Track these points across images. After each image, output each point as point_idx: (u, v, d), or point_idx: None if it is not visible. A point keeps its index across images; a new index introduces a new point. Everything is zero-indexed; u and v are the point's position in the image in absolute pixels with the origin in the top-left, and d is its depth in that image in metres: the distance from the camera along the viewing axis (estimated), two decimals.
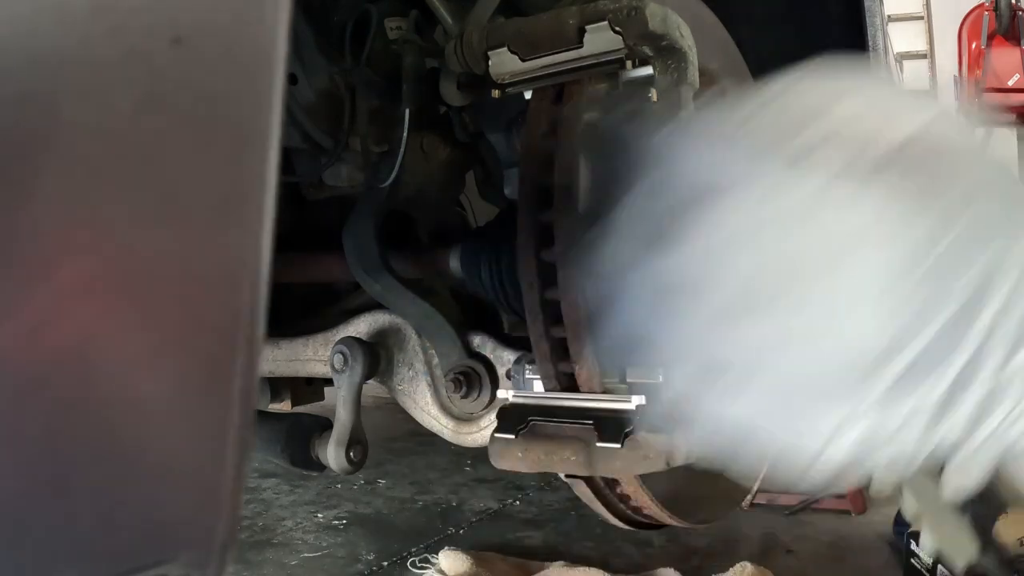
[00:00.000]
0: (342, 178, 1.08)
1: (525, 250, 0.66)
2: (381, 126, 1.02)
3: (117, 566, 0.31)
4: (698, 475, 0.78)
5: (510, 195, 0.96)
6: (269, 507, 2.36)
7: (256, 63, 0.31)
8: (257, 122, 0.31)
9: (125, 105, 0.28)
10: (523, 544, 2.05)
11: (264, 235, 0.32)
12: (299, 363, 1.14)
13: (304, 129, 1.01)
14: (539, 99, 0.69)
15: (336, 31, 1.01)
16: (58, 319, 0.27)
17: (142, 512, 0.32)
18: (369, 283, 1.02)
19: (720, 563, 1.76)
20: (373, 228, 1.01)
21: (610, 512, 0.81)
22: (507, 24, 0.73)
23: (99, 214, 0.28)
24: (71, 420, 0.29)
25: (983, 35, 6.24)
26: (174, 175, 0.30)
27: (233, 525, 0.35)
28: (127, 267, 0.29)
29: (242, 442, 0.33)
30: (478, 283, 1.01)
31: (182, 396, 0.32)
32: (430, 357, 1.03)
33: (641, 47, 0.65)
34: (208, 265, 0.31)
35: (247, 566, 1.90)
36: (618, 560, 1.88)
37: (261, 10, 0.31)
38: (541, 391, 0.68)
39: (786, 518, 2.16)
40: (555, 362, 0.66)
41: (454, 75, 0.90)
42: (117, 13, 0.27)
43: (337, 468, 1.02)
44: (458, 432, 1.02)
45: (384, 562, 1.95)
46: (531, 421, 0.64)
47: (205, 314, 0.32)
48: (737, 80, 0.92)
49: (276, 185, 0.33)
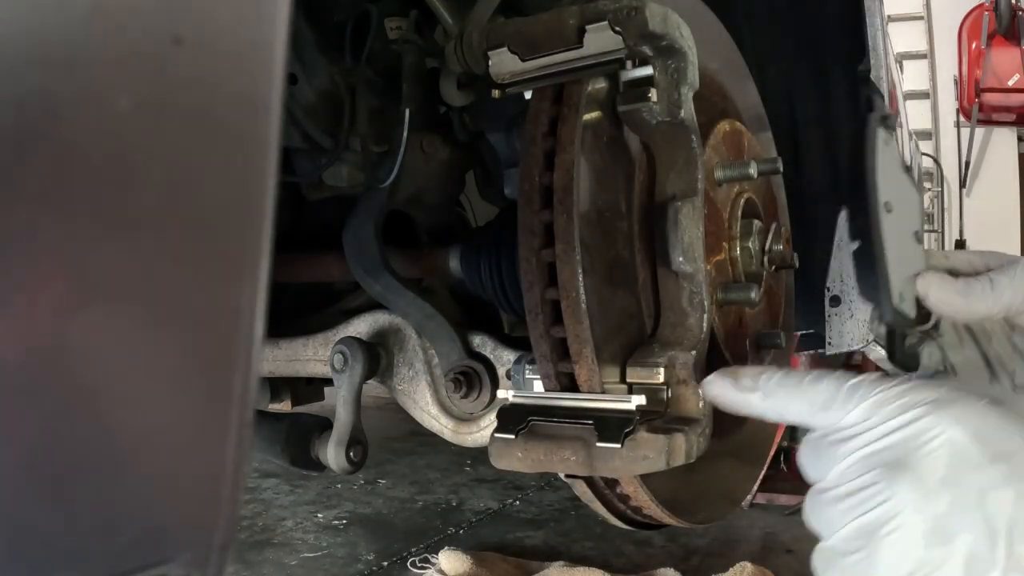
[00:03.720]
0: (342, 178, 1.08)
1: (525, 250, 0.66)
2: (381, 126, 1.02)
3: (117, 566, 0.31)
4: (698, 475, 0.79)
5: (510, 195, 0.96)
6: (269, 507, 2.36)
7: (256, 63, 0.31)
8: (257, 122, 0.31)
9: (125, 105, 0.28)
10: (523, 544, 2.05)
11: (264, 235, 0.32)
12: (299, 363, 1.14)
13: (304, 129, 1.01)
14: (539, 99, 0.69)
15: (336, 31, 1.02)
16: (57, 319, 0.27)
17: (142, 512, 0.32)
18: (369, 283, 1.02)
19: (720, 563, 1.77)
20: (373, 228, 1.01)
21: (610, 512, 0.81)
22: (507, 24, 0.73)
23: (98, 214, 0.28)
24: (70, 420, 0.29)
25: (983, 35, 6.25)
26: (174, 175, 0.30)
27: (233, 525, 0.35)
28: (126, 267, 0.29)
29: (242, 442, 0.33)
30: (478, 283, 1.01)
31: (182, 396, 0.32)
32: (430, 357, 1.03)
33: (641, 47, 0.65)
34: (208, 265, 0.31)
35: (247, 566, 1.90)
36: (618, 560, 1.88)
37: (261, 10, 0.31)
38: (541, 391, 0.68)
39: (786, 518, 2.16)
40: (555, 362, 0.66)
41: (454, 75, 0.90)
42: (117, 13, 0.27)
43: (337, 468, 1.02)
44: (458, 432, 1.02)
45: (384, 562, 1.95)
46: (531, 421, 0.64)
47: (205, 314, 0.32)
48: (737, 80, 0.92)
49: (276, 185, 0.33)
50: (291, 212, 1.24)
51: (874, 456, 0.55)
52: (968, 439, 0.53)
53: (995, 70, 6.30)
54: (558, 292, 0.64)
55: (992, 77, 6.31)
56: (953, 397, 0.55)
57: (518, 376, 0.74)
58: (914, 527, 0.52)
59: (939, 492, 0.52)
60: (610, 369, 0.65)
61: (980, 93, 6.35)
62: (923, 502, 0.52)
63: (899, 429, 0.55)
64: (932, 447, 0.53)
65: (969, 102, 6.46)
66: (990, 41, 6.29)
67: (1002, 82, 6.30)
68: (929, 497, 0.52)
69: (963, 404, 0.55)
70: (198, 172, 0.30)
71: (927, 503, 0.52)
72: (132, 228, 0.29)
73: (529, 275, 0.66)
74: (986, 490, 0.52)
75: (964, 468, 0.53)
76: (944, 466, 0.53)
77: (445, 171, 1.08)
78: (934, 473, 0.53)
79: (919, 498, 0.52)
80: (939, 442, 0.53)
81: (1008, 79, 6.29)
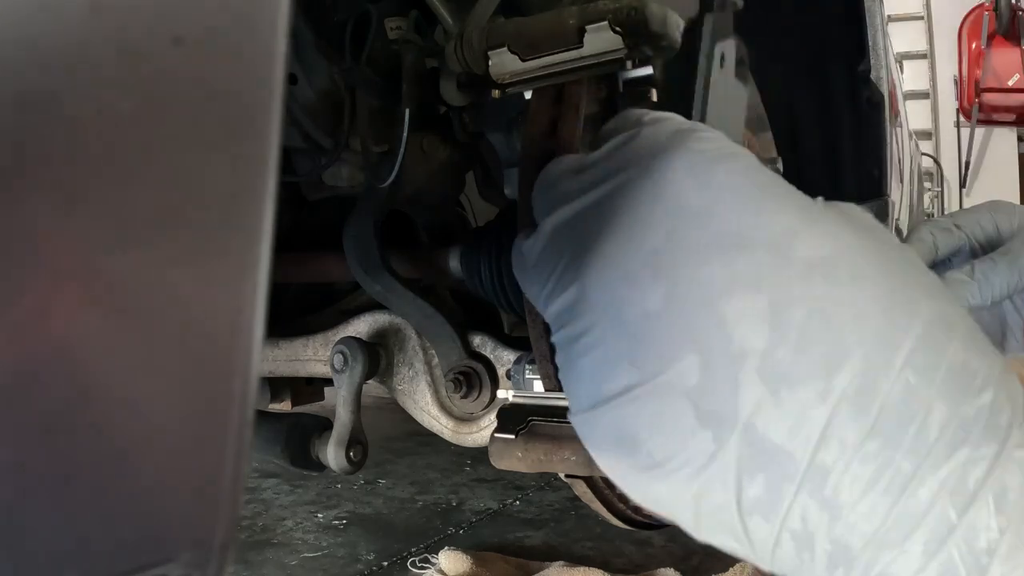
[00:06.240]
0: (342, 178, 1.08)
1: None
2: (381, 126, 1.02)
3: (116, 566, 0.31)
4: None
5: (510, 195, 0.96)
6: (269, 507, 2.36)
7: (256, 63, 0.31)
8: (257, 122, 0.31)
9: (125, 105, 0.28)
10: (523, 544, 2.05)
11: (264, 235, 0.32)
12: (299, 363, 1.14)
13: (304, 129, 1.01)
14: (539, 99, 0.69)
15: (336, 31, 1.01)
16: (56, 318, 0.27)
17: (142, 512, 0.32)
18: (369, 283, 1.02)
19: (720, 563, 1.77)
20: (373, 228, 1.01)
21: (610, 512, 0.81)
22: (507, 24, 0.73)
23: (98, 214, 0.28)
24: (70, 420, 0.29)
25: (983, 35, 6.25)
26: (174, 175, 0.30)
27: (233, 525, 0.35)
28: (126, 267, 0.29)
29: (242, 442, 0.33)
30: (478, 283, 1.01)
31: (182, 396, 0.32)
32: (430, 357, 1.03)
33: (641, 47, 0.65)
34: (208, 265, 0.31)
35: (247, 566, 1.90)
36: (618, 560, 1.88)
37: (261, 10, 0.31)
38: (541, 391, 0.68)
39: None
40: (555, 362, 0.66)
41: (454, 75, 0.90)
42: (117, 13, 0.27)
43: (337, 468, 1.02)
44: (458, 432, 1.02)
45: (384, 562, 1.95)
46: (531, 421, 0.64)
47: (205, 314, 0.32)
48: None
49: (276, 185, 0.33)
50: (291, 212, 1.24)
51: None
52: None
53: (995, 70, 6.31)
54: None
55: (992, 77, 6.32)
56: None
57: (518, 376, 0.74)
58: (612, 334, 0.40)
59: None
60: None
61: (980, 93, 6.35)
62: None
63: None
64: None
65: (969, 102, 6.47)
66: (990, 41, 6.29)
67: (1002, 82, 6.30)
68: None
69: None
70: (198, 172, 0.30)
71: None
72: (132, 228, 0.29)
73: None
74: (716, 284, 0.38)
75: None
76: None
77: (445, 171, 1.08)
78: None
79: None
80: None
81: (1008, 79, 6.29)
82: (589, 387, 0.43)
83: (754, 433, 0.37)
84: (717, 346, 0.37)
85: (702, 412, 0.38)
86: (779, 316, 0.36)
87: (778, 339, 0.36)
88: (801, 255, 0.37)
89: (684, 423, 0.38)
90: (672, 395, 0.39)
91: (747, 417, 0.37)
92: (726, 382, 0.37)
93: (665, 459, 0.40)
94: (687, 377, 0.38)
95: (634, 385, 0.40)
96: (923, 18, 6.73)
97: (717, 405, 0.38)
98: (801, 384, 0.36)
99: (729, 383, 0.37)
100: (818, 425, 0.35)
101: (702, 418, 0.38)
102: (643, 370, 0.39)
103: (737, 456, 0.37)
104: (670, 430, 0.39)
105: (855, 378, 0.35)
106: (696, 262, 0.38)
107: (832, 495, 0.35)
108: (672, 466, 0.39)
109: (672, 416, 0.39)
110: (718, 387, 0.38)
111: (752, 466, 0.37)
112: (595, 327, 0.42)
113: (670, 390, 0.39)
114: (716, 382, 0.38)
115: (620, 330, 0.40)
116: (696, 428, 0.38)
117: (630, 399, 0.40)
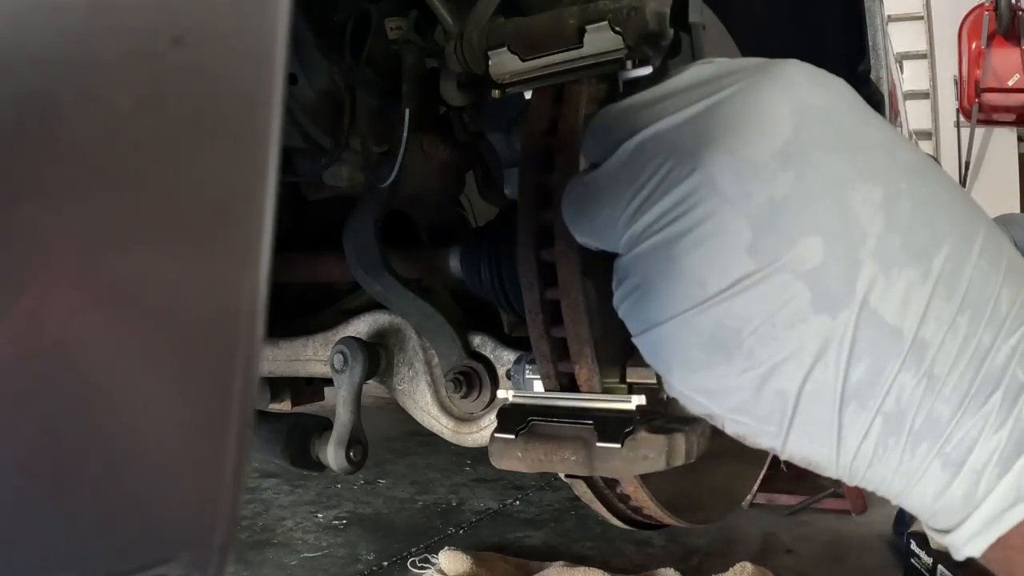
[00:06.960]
0: (342, 178, 1.08)
1: (525, 250, 0.65)
2: (381, 126, 1.02)
3: (116, 566, 0.31)
4: (698, 475, 0.79)
5: (510, 195, 0.96)
6: (269, 507, 2.36)
7: (256, 63, 0.31)
8: (257, 122, 0.31)
9: (125, 105, 0.28)
10: (523, 544, 2.05)
11: (264, 235, 0.32)
12: (299, 363, 1.14)
13: (304, 129, 1.01)
14: (539, 99, 0.69)
15: (336, 31, 1.01)
16: (56, 318, 0.27)
17: (141, 512, 0.32)
18: (369, 283, 1.02)
19: (720, 563, 1.77)
20: (373, 228, 1.01)
21: (610, 512, 0.81)
22: (507, 24, 0.73)
23: (98, 214, 0.28)
24: (70, 420, 0.29)
25: (983, 35, 6.25)
26: (174, 175, 0.30)
27: (233, 525, 0.35)
28: (126, 266, 0.29)
29: (242, 442, 0.33)
30: (478, 283, 1.01)
31: (182, 396, 0.32)
32: (430, 357, 1.03)
33: (641, 47, 0.65)
34: (208, 265, 0.31)
35: (247, 566, 1.90)
36: (618, 560, 1.88)
37: (261, 10, 0.31)
38: (541, 391, 0.68)
39: (786, 518, 2.16)
40: (555, 362, 0.66)
41: (454, 75, 0.90)
42: (117, 13, 0.27)
43: (337, 468, 1.02)
44: (458, 432, 1.02)
45: (384, 562, 1.95)
46: (531, 421, 0.64)
47: (205, 314, 0.32)
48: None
49: (276, 185, 0.33)
50: (291, 212, 1.24)
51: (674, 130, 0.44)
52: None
53: (995, 70, 6.30)
54: (558, 292, 0.64)
55: (992, 77, 6.31)
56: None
57: (518, 376, 0.74)
58: (735, 228, 0.42)
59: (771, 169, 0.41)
60: (610, 369, 0.65)
61: (980, 93, 6.35)
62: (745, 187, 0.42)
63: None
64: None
65: (969, 102, 6.46)
66: (990, 41, 6.29)
67: (1002, 82, 6.30)
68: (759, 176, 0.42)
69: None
70: (198, 172, 0.30)
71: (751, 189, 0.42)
72: (132, 228, 0.29)
73: (529, 275, 0.66)
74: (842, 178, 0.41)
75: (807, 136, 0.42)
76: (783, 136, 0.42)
77: (445, 171, 1.08)
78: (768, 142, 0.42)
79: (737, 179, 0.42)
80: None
81: (1008, 79, 6.29)
82: (688, 287, 0.43)
83: (867, 310, 0.40)
84: (841, 228, 0.41)
85: (818, 295, 0.40)
86: (891, 205, 0.41)
87: (892, 224, 0.41)
88: (903, 158, 0.43)
89: (798, 308, 0.41)
90: (787, 281, 0.41)
91: (863, 295, 0.40)
92: (846, 261, 0.40)
93: (770, 355, 0.41)
94: (808, 259, 0.41)
95: (747, 275, 0.41)
96: (923, 18, 6.73)
97: (834, 286, 0.40)
98: (909, 265, 0.40)
99: (849, 262, 0.40)
100: (922, 302, 0.40)
101: (817, 302, 0.40)
102: (760, 257, 0.41)
103: (851, 337, 0.40)
104: (782, 319, 0.41)
105: (947, 262, 0.40)
106: (823, 153, 0.42)
107: (930, 367, 0.40)
108: (777, 359, 0.41)
109: (785, 303, 0.41)
110: (838, 266, 0.40)
111: (860, 349, 0.40)
112: (715, 215, 0.42)
113: (786, 275, 0.41)
114: (836, 261, 0.40)
115: (742, 219, 0.42)
116: (810, 314, 0.40)
117: (739, 290, 0.41)
